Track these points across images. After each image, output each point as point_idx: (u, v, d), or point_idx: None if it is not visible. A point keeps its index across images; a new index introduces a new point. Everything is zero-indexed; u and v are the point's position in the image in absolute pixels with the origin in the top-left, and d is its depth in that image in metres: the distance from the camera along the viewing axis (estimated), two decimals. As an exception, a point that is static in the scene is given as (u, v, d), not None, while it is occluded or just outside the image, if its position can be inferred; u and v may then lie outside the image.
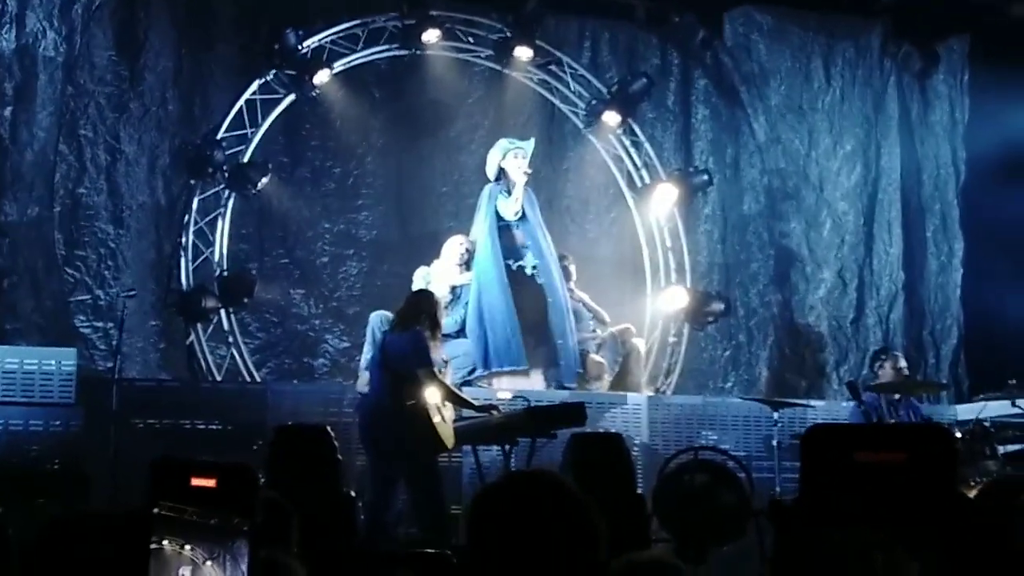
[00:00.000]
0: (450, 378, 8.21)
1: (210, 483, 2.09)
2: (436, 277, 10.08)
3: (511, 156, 10.37)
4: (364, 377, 8.54)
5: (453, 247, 10.31)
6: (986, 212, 12.68)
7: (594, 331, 10.83)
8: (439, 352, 7.83)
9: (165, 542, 2.17)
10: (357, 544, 6.59)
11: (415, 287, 9.85)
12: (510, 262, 10.34)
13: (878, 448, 2.11)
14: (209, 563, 2.21)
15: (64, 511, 7.27)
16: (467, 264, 10.26)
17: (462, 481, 8.90)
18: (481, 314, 10.10)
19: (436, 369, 7.67)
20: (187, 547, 2.18)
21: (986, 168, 12.76)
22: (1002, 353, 11.32)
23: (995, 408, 9.62)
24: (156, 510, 2.15)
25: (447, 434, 7.42)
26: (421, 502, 7.31)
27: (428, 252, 10.49)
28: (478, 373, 10.03)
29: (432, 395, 7.44)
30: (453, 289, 10.13)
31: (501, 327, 10.00)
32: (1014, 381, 9.19)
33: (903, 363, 9.67)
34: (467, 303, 10.16)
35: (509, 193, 10.35)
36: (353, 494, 6.96)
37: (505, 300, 10.07)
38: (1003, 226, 12.26)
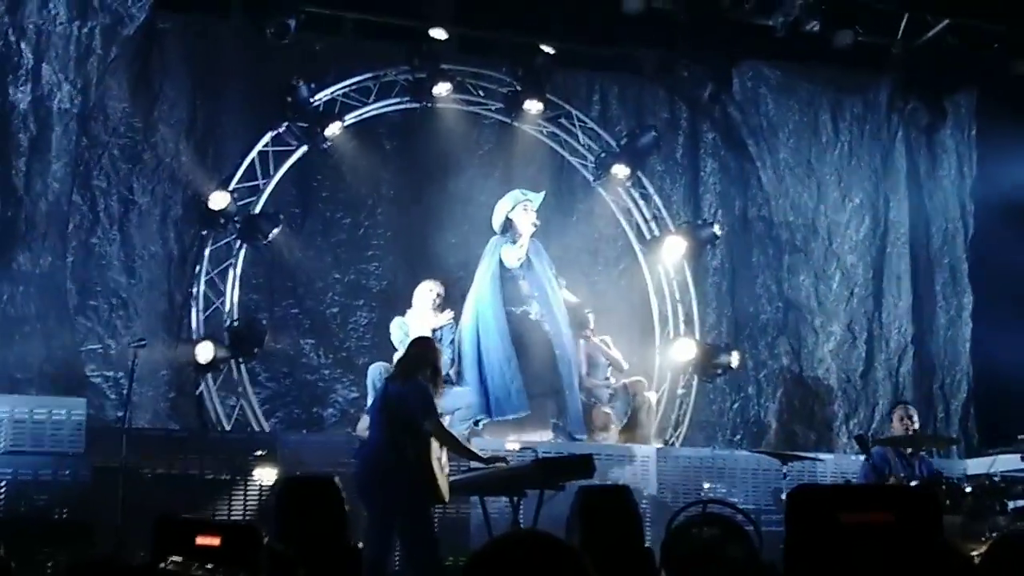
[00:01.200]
0: (456, 429, 8.20)
1: (214, 542, 2.11)
2: (413, 325, 9.99)
3: (520, 208, 10.44)
4: (365, 421, 8.49)
5: (424, 293, 10.24)
6: (995, 266, 12.70)
7: (607, 378, 10.84)
8: (440, 401, 7.81)
9: (171, 597, 2.19)
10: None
11: (394, 338, 9.85)
12: (514, 308, 10.39)
13: (863, 509, 2.11)
14: (214, 618, 2.22)
15: (83, 559, 7.29)
16: (440, 308, 10.23)
17: (470, 532, 8.87)
18: (480, 360, 10.12)
19: (442, 420, 7.66)
20: (192, 602, 2.19)
21: (995, 222, 12.81)
22: (1012, 407, 11.29)
23: (1005, 462, 9.58)
24: (162, 564, 2.17)
25: (444, 487, 7.40)
26: (415, 554, 7.25)
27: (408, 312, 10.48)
28: (483, 422, 10.03)
29: (438, 447, 7.41)
30: (434, 332, 10.08)
31: (499, 373, 10.02)
32: (1024, 436, 9.17)
33: (910, 414, 9.60)
34: (451, 342, 10.13)
35: (514, 242, 10.40)
36: (360, 546, 6.95)
37: (504, 346, 10.10)
38: (1012, 280, 12.27)
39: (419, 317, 10.11)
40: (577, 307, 10.80)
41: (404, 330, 9.96)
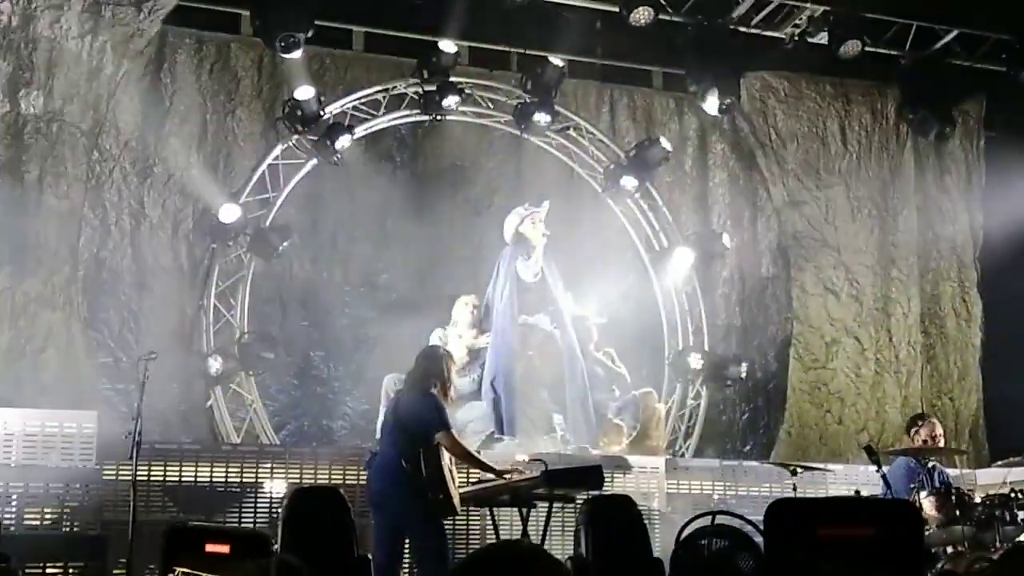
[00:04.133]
0: (468, 441, 8.20)
1: (224, 549, 2.14)
2: (452, 338, 10.15)
3: (528, 221, 10.53)
4: None
5: (462, 309, 10.41)
6: (1005, 275, 12.68)
7: (613, 389, 10.86)
8: (453, 412, 7.81)
9: (180, 606, 2.21)
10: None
11: None
12: (528, 318, 10.45)
13: (841, 524, 2.10)
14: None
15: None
16: (479, 324, 10.35)
17: (480, 544, 8.88)
18: (496, 377, 10.15)
19: (455, 431, 7.64)
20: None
21: (1004, 232, 12.78)
22: (1023, 417, 11.26)
23: (1016, 473, 9.55)
24: (171, 574, 2.19)
25: (456, 498, 7.38)
26: (428, 566, 7.25)
27: (448, 314, 10.57)
28: (496, 436, 10.05)
29: (448, 459, 7.40)
30: (469, 351, 10.20)
31: (519, 394, 10.05)
32: (1033, 446, 9.14)
33: (939, 430, 9.49)
34: (483, 363, 10.22)
35: (528, 256, 10.47)
36: (369, 556, 6.97)
37: (516, 364, 10.14)
38: (1022, 289, 12.24)
39: (458, 332, 10.22)
40: (581, 319, 10.84)
41: (444, 343, 10.03)
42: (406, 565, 7.73)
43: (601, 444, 10.50)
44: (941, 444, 9.42)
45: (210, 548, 2.09)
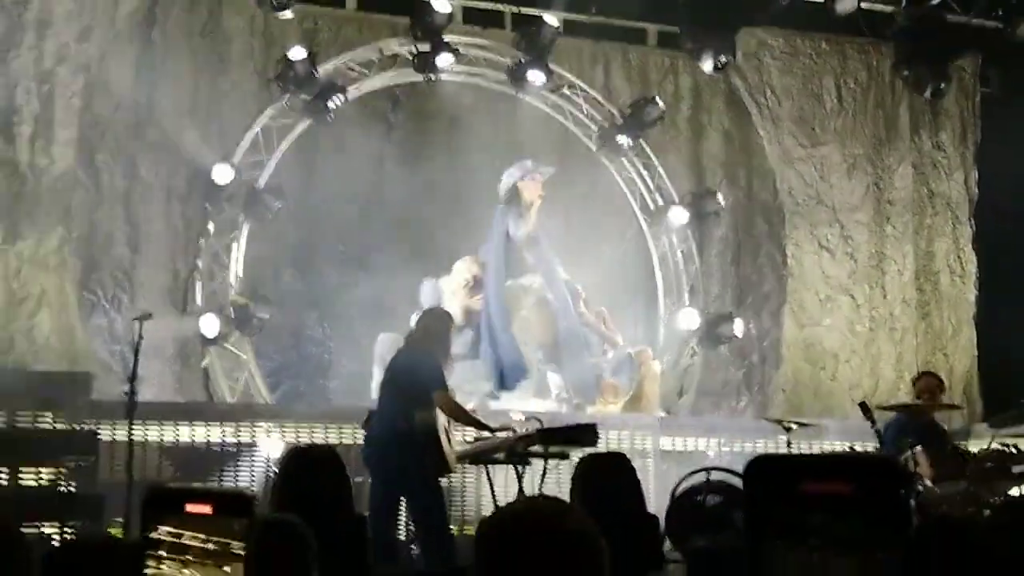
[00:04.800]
0: (463, 400, 8.23)
1: (205, 510, 2.15)
2: (446, 293, 10.16)
3: (529, 178, 10.49)
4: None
5: (461, 269, 10.42)
6: (1000, 232, 12.68)
7: (606, 352, 10.88)
8: (450, 373, 7.84)
9: (163, 566, 2.23)
10: (371, 567, 6.62)
11: (423, 298, 9.96)
12: (519, 279, 10.47)
13: (821, 479, 2.11)
14: (206, 587, 2.25)
15: (71, 537, 7.38)
16: (473, 288, 10.35)
17: (479, 502, 8.93)
18: (492, 336, 10.18)
19: (450, 390, 7.67)
20: (184, 571, 2.23)
21: (999, 188, 12.77)
22: (1017, 373, 11.28)
23: (1010, 428, 9.57)
24: (153, 534, 2.20)
25: (452, 457, 7.43)
26: (424, 524, 7.30)
27: (442, 275, 10.57)
28: (496, 394, 10.10)
29: (445, 416, 7.44)
30: (466, 311, 10.23)
31: (507, 347, 10.09)
32: (1029, 401, 9.13)
33: (934, 384, 9.48)
34: (477, 325, 10.25)
35: (521, 216, 10.46)
36: (366, 515, 7.00)
37: (505, 319, 10.17)
38: (1017, 246, 12.25)
39: (452, 289, 10.24)
40: (569, 281, 10.87)
41: (436, 294, 10.08)
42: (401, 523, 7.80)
43: (598, 402, 10.54)
44: (937, 399, 9.42)
45: (190, 508, 2.10)
